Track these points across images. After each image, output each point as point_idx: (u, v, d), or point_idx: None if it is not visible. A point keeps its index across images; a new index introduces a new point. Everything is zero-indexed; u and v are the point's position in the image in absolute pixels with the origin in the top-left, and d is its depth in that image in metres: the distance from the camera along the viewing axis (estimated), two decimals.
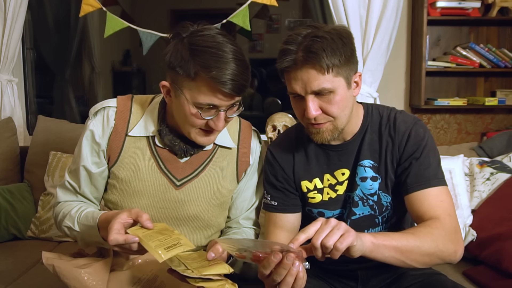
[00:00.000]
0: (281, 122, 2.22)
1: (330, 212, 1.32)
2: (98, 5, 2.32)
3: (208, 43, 1.11)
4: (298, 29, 1.18)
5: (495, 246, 1.75)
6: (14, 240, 2.12)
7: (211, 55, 1.10)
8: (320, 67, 1.12)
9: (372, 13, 2.40)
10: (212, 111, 1.15)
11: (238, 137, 1.36)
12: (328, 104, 1.17)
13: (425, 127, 1.27)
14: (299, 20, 4.90)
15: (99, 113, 1.29)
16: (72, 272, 1.13)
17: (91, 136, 1.27)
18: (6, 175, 2.24)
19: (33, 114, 3.10)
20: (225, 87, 1.10)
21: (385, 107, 1.33)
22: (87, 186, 1.30)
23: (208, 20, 1.21)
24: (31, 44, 3.42)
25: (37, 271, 1.78)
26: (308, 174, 1.32)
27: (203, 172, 1.30)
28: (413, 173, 1.22)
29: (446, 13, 2.53)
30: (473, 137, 2.73)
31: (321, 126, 1.20)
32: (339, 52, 1.13)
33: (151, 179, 1.27)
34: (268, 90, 4.43)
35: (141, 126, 1.27)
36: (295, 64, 1.14)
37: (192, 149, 1.27)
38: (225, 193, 1.34)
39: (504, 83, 2.71)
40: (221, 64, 1.09)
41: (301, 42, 1.14)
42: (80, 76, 4.37)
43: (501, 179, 2.06)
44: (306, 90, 1.15)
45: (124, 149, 1.27)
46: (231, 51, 1.12)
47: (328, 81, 1.14)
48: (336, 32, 1.16)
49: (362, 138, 1.29)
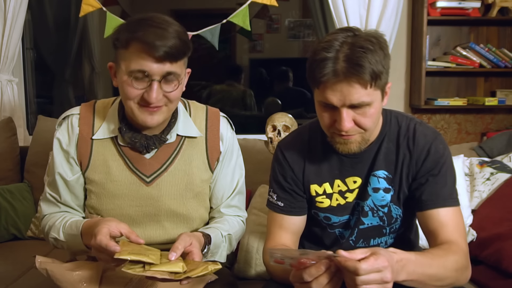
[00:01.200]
0: (281, 122, 2.22)
1: (337, 218, 1.29)
2: (98, 5, 2.32)
3: (147, 17, 1.15)
4: (333, 33, 1.11)
5: (495, 246, 1.75)
6: (14, 240, 2.12)
7: (143, 23, 1.13)
8: (363, 80, 1.06)
9: (372, 13, 2.40)
10: (145, 80, 1.14)
11: (205, 126, 1.34)
12: (363, 117, 1.11)
13: (444, 143, 1.23)
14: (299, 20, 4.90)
15: (64, 122, 1.31)
16: (64, 275, 1.15)
17: (59, 145, 1.30)
18: (6, 175, 2.24)
19: (33, 114, 3.10)
20: (152, 50, 1.10)
21: (404, 115, 1.28)
22: (67, 194, 1.31)
23: (208, 20, 1.21)
24: (31, 44, 3.42)
25: (37, 272, 1.76)
26: (319, 178, 1.28)
27: (172, 166, 1.30)
28: (428, 190, 1.19)
29: (446, 13, 2.53)
30: (473, 137, 2.73)
31: (350, 137, 1.14)
32: (381, 64, 1.08)
33: (122, 179, 1.28)
34: (268, 90, 4.44)
35: (104, 128, 1.28)
36: (336, 75, 1.06)
37: (154, 144, 1.25)
38: (198, 183, 1.32)
39: (504, 83, 2.71)
40: (150, 28, 1.11)
41: (340, 49, 1.07)
42: (80, 76, 4.37)
43: (501, 179, 2.06)
44: (344, 102, 1.08)
45: (93, 153, 1.28)
46: (170, 27, 1.13)
47: (368, 94, 1.08)
48: (377, 41, 1.09)
49: (379, 147, 1.24)
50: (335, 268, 0.93)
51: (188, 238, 1.11)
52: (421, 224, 1.23)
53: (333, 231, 1.31)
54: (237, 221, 1.40)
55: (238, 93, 4.07)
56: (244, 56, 4.92)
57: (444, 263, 1.07)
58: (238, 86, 4.12)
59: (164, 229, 1.32)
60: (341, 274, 0.94)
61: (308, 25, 4.82)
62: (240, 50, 4.97)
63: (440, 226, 1.17)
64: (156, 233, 1.32)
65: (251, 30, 2.37)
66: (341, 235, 1.31)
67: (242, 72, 4.33)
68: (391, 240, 1.32)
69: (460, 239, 1.16)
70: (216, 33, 2.32)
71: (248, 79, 4.37)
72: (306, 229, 1.33)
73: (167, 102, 1.19)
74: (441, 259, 1.07)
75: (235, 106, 3.95)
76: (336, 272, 0.93)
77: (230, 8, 3.12)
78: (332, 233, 1.32)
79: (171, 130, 1.28)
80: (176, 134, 1.30)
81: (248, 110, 4.06)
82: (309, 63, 1.12)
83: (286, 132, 2.21)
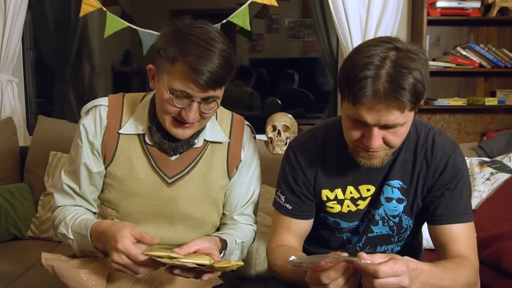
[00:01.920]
0: (281, 122, 2.22)
1: (347, 223, 1.26)
2: (98, 5, 2.32)
3: (196, 33, 1.11)
4: (373, 45, 1.03)
5: (495, 246, 1.75)
6: (14, 240, 2.12)
7: (194, 43, 1.09)
8: (403, 105, 1.00)
9: (372, 13, 2.40)
10: (185, 101, 1.13)
11: (230, 132, 1.34)
12: (393, 136, 1.06)
13: (463, 156, 1.20)
14: (299, 20, 4.91)
15: (91, 112, 1.28)
16: (71, 272, 1.14)
17: (86, 135, 1.27)
18: (6, 175, 2.24)
19: (33, 114, 3.10)
20: (198, 76, 1.08)
21: (423, 124, 1.23)
22: (87, 185, 1.29)
23: (208, 20, 1.21)
24: (31, 44, 3.42)
25: (37, 271, 1.78)
26: (331, 183, 1.24)
27: (194, 170, 1.30)
28: (444, 204, 1.17)
29: (446, 13, 2.53)
30: (473, 137, 2.73)
31: (375, 153, 1.10)
32: (424, 86, 1.01)
33: (145, 177, 1.27)
34: (268, 90, 4.44)
35: (131, 124, 1.27)
36: (376, 95, 0.99)
37: (182, 147, 1.26)
38: (216, 189, 1.32)
39: (504, 83, 2.71)
40: (200, 53, 1.08)
41: (381, 65, 0.99)
42: (80, 76, 4.37)
43: (501, 179, 2.06)
44: (379, 122, 1.03)
45: (118, 148, 1.27)
46: (217, 46, 1.10)
47: (405, 116, 1.03)
48: (422, 60, 1.02)
49: (396, 157, 1.20)
50: (352, 270, 0.93)
51: (207, 243, 1.11)
52: (432, 236, 1.21)
53: (341, 235, 1.29)
54: (249, 230, 1.39)
55: (239, 93, 4.08)
56: (244, 56, 4.93)
57: (456, 277, 1.07)
58: (246, 88, 4.12)
59: (177, 232, 1.32)
60: (357, 275, 0.94)
61: (308, 25, 4.83)
62: (240, 50, 4.97)
63: (452, 240, 1.16)
64: (169, 234, 1.32)
65: (251, 30, 2.37)
66: (348, 240, 1.30)
67: (252, 75, 4.31)
68: (398, 248, 1.31)
69: (472, 254, 1.15)
70: None
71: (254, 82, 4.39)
72: (313, 231, 1.31)
73: (201, 120, 1.20)
74: (453, 272, 1.07)
75: (236, 106, 3.95)
76: (353, 274, 0.93)
77: (230, 8, 3.13)
78: (340, 238, 1.30)
79: (199, 135, 1.28)
80: (204, 139, 1.30)
81: (250, 110, 4.07)
82: (345, 75, 1.04)
83: (286, 132, 2.21)
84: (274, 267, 1.24)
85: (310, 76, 4.71)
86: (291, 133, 2.22)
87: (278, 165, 1.35)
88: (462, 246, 1.15)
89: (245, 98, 4.09)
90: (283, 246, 1.25)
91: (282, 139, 2.21)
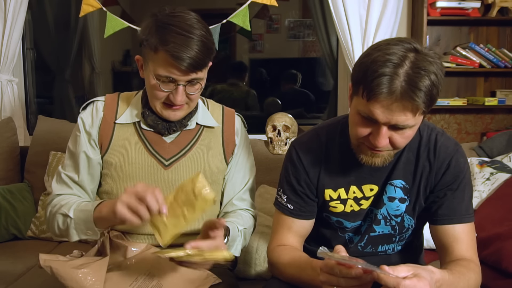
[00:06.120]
0: (281, 122, 2.22)
1: (350, 223, 1.26)
2: (98, 5, 2.32)
3: (174, 22, 1.19)
4: (392, 43, 1.02)
5: (495, 246, 1.75)
6: (14, 240, 2.12)
7: (173, 31, 1.17)
8: (417, 106, 0.99)
9: (372, 13, 2.40)
10: (171, 85, 1.22)
11: (222, 120, 1.41)
12: (400, 137, 1.06)
13: (465, 157, 1.21)
14: (299, 20, 4.90)
15: (88, 107, 1.38)
16: (69, 273, 1.14)
17: (83, 126, 1.34)
18: (6, 175, 2.24)
19: (33, 114, 3.10)
20: (179, 62, 1.16)
21: (426, 124, 1.22)
22: (86, 174, 1.33)
23: (208, 20, 1.23)
24: (31, 44, 3.42)
25: (37, 271, 1.77)
26: (334, 183, 1.24)
27: (190, 152, 1.35)
28: (446, 205, 1.18)
29: (446, 13, 2.53)
30: (473, 137, 2.73)
31: (379, 152, 1.10)
32: (438, 91, 1.01)
33: (141, 161, 1.32)
34: (268, 90, 4.43)
35: (127, 114, 1.35)
36: (392, 93, 0.98)
37: (175, 126, 1.32)
38: (214, 172, 1.37)
39: (504, 83, 2.72)
40: (179, 41, 1.16)
41: (400, 64, 0.98)
42: (80, 76, 4.37)
43: (501, 179, 2.06)
44: (389, 121, 1.02)
45: (114, 136, 1.33)
46: (195, 32, 1.18)
47: (415, 119, 1.03)
48: (440, 65, 1.02)
49: (399, 157, 1.20)
50: (371, 279, 0.91)
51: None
52: (434, 236, 1.22)
53: (344, 235, 1.29)
54: (249, 217, 1.42)
55: (239, 93, 4.07)
56: (244, 56, 4.92)
57: (468, 281, 1.08)
58: (242, 86, 4.12)
59: None
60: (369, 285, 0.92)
61: (308, 25, 4.82)
62: (240, 50, 4.97)
63: (454, 241, 1.17)
64: None
65: (251, 30, 2.37)
66: (350, 239, 1.30)
67: (246, 70, 4.32)
68: (399, 247, 1.31)
69: (474, 256, 1.16)
70: (216, 33, 2.33)
71: (248, 79, 4.37)
72: (314, 230, 1.31)
73: (189, 101, 1.28)
74: (465, 277, 1.08)
75: (236, 105, 3.95)
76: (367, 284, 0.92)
77: (230, 8, 3.12)
78: (342, 237, 1.30)
79: (191, 118, 1.35)
80: (196, 123, 1.37)
81: (249, 110, 4.06)
82: (362, 70, 1.03)
83: (286, 132, 2.21)
84: (277, 264, 1.23)
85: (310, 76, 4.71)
86: (291, 133, 2.22)
87: (278, 165, 1.35)
88: (465, 247, 1.16)
89: (240, 97, 4.08)
90: (285, 245, 1.25)
91: (282, 139, 2.21)
